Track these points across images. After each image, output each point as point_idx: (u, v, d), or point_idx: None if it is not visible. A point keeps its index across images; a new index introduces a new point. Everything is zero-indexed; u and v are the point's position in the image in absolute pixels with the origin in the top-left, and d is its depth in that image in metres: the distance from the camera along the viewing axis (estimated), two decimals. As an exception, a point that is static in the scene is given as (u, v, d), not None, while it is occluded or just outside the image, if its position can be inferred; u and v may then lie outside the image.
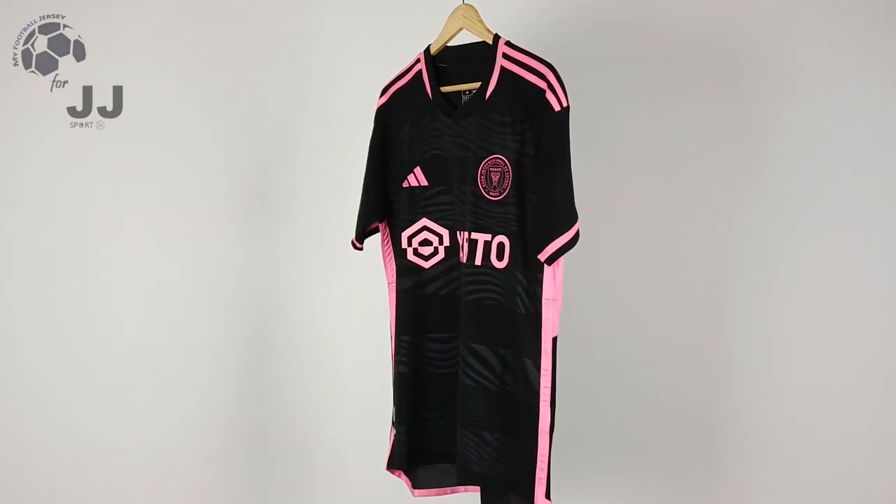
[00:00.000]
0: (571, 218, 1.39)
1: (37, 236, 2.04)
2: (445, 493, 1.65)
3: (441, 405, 1.60)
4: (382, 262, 1.68)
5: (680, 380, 1.91)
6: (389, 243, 1.66)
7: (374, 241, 1.69)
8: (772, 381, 1.88)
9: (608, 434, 1.93)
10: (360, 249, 1.65)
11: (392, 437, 1.64)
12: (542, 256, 1.42)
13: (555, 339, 1.44)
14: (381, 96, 1.63)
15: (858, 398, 1.84)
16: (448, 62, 1.59)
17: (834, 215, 1.84)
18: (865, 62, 1.80)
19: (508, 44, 1.48)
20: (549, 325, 1.44)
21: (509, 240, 1.46)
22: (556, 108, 1.40)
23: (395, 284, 1.64)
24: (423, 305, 1.59)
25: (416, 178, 1.58)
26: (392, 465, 1.64)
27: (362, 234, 1.63)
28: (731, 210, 1.87)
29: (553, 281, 1.44)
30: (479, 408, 1.52)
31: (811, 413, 1.87)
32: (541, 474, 1.44)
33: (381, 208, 1.62)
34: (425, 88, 1.56)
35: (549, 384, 1.44)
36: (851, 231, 1.83)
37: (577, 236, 1.40)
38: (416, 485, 1.65)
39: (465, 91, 1.56)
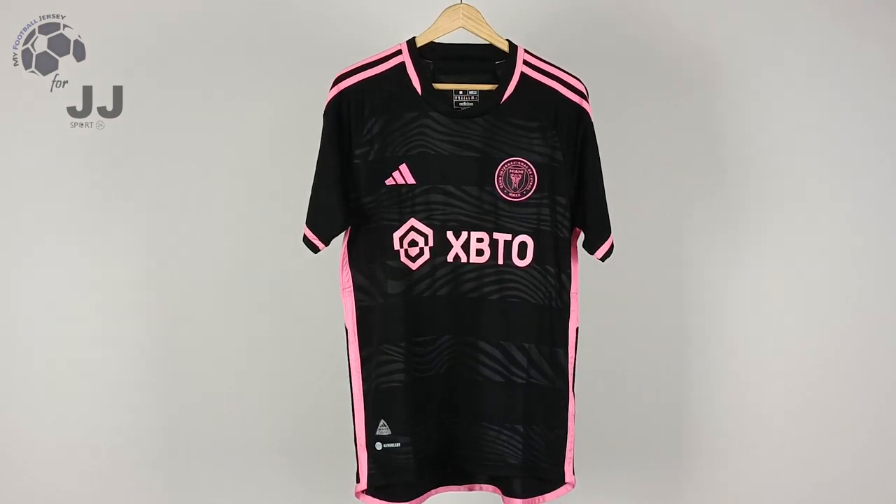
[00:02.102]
0: (609, 221, 1.56)
1: (36, 237, 2.02)
2: (424, 498, 1.62)
3: (425, 410, 1.57)
4: (339, 266, 1.57)
5: (670, 379, 2.04)
6: (346, 247, 1.56)
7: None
8: (765, 380, 2.03)
9: (603, 433, 2.02)
10: (318, 251, 1.56)
11: (365, 458, 1.55)
12: (598, 255, 1.56)
13: (577, 329, 1.58)
14: (334, 86, 1.51)
15: (855, 398, 2.02)
16: (434, 59, 1.53)
17: (816, 215, 2.00)
18: (849, 64, 1.98)
19: (528, 52, 1.53)
20: (574, 317, 1.57)
21: (533, 238, 1.53)
22: (591, 119, 1.53)
23: (351, 289, 1.56)
24: (411, 309, 1.54)
25: (403, 175, 1.51)
26: (388, 481, 1.54)
27: (332, 235, 1.53)
28: (722, 210, 2.01)
29: (577, 276, 1.58)
30: (512, 403, 1.56)
31: (805, 412, 2.04)
32: (569, 454, 1.57)
33: (353, 207, 1.53)
34: (410, 82, 1.50)
35: (572, 371, 1.57)
36: (837, 231, 2.01)
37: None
38: (403, 497, 1.57)
39: (457, 91, 1.52)
